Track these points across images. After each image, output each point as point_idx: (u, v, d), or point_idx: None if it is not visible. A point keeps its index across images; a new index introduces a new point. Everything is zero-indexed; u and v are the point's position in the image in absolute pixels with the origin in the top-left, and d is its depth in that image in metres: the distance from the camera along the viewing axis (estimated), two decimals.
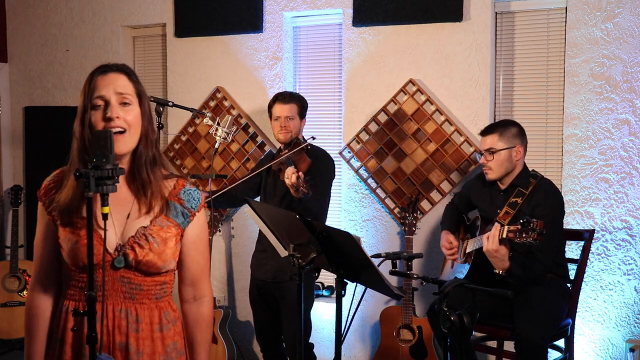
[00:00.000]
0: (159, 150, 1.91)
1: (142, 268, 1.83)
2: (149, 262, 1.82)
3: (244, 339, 4.51)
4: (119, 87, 1.80)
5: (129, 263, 1.81)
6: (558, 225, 3.20)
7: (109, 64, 1.86)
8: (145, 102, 1.87)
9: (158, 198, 1.85)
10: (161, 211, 1.85)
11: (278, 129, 3.56)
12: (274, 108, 3.58)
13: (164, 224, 1.85)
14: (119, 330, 1.82)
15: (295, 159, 3.43)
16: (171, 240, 1.86)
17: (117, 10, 4.86)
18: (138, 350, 1.83)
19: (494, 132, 3.24)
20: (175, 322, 1.93)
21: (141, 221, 1.84)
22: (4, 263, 4.78)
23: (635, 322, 3.56)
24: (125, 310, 1.83)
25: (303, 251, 2.45)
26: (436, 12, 3.84)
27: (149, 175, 1.84)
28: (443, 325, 2.35)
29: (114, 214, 1.83)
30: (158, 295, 1.88)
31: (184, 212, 1.89)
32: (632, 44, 3.49)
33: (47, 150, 5.12)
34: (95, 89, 1.80)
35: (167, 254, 1.85)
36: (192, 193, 1.91)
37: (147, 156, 1.84)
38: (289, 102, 3.55)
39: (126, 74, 1.85)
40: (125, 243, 1.82)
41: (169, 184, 1.89)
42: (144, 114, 1.85)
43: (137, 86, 1.85)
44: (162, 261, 1.84)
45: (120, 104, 1.80)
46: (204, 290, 1.98)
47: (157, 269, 1.84)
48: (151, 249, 1.82)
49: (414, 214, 3.76)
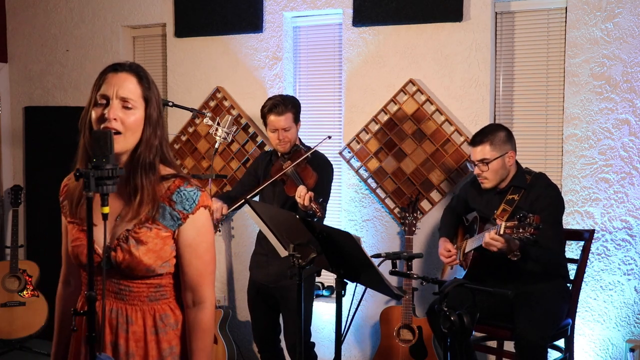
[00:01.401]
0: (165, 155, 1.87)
1: (125, 270, 1.81)
2: (130, 265, 1.79)
3: (244, 339, 4.51)
4: (124, 90, 1.78)
5: (111, 264, 1.81)
6: (559, 215, 3.22)
7: (124, 63, 1.84)
8: (152, 107, 1.83)
9: (148, 203, 1.80)
10: (149, 215, 1.81)
11: (276, 142, 3.49)
12: (268, 119, 3.48)
13: (151, 226, 1.81)
14: (110, 329, 1.83)
15: (299, 171, 3.40)
16: (158, 243, 1.81)
17: (117, 10, 4.86)
18: (128, 352, 1.82)
19: (484, 142, 3.23)
20: (176, 326, 1.89)
21: (127, 224, 1.82)
22: (4, 263, 4.78)
23: (635, 322, 3.56)
24: (117, 310, 1.84)
25: (303, 251, 2.45)
26: (436, 12, 3.84)
27: (142, 181, 1.80)
28: (443, 325, 2.35)
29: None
30: (153, 298, 1.86)
31: (173, 214, 1.83)
32: (632, 44, 3.49)
33: (47, 150, 5.12)
34: (102, 86, 1.79)
35: (152, 257, 1.80)
36: (186, 194, 1.83)
37: (143, 161, 1.81)
38: (283, 112, 3.43)
39: (137, 77, 1.82)
40: (112, 244, 1.82)
41: (164, 186, 1.84)
42: (148, 119, 1.82)
43: (145, 91, 1.82)
44: (147, 264, 1.80)
45: (122, 107, 1.78)
46: (204, 296, 1.89)
47: (141, 271, 1.81)
48: (130, 251, 1.79)
49: (414, 214, 3.76)
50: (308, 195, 3.16)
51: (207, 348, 1.89)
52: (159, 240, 1.82)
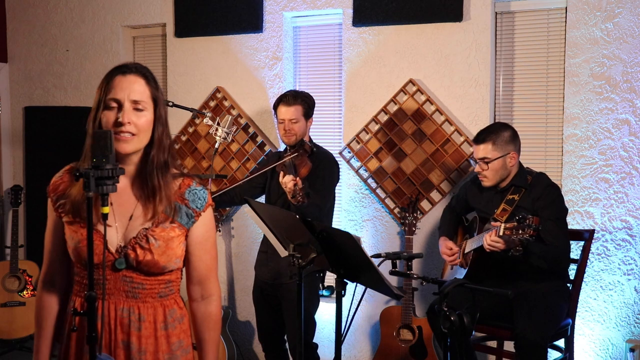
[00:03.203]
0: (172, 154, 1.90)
1: (144, 268, 1.84)
2: (150, 262, 1.83)
3: (244, 339, 4.51)
4: (135, 93, 1.80)
5: (130, 263, 1.83)
6: (562, 212, 3.22)
7: (130, 65, 1.85)
8: (160, 107, 1.86)
9: (165, 202, 1.85)
10: (165, 214, 1.85)
11: (282, 132, 3.54)
12: (278, 109, 3.55)
13: (167, 225, 1.86)
14: (121, 328, 1.84)
15: (297, 162, 3.41)
16: (174, 241, 1.87)
17: (117, 10, 4.86)
18: (140, 349, 1.84)
19: (486, 140, 3.23)
20: (182, 320, 1.93)
21: (144, 223, 1.84)
22: (4, 263, 4.78)
23: (635, 322, 3.56)
24: (128, 309, 1.85)
25: (303, 251, 2.45)
26: (436, 12, 3.84)
27: (160, 182, 1.84)
28: (443, 325, 2.35)
29: (117, 214, 1.84)
30: (163, 294, 1.89)
31: (189, 212, 1.89)
32: (632, 44, 3.49)
33: (47, 150, 5.12)
34: (112, 90, 1.80)
35: (169, 255, 1.85)
36: (197, 192, 1.91)
37: (158, 161, 1.85)
38: (292, 104, 3.49)
39: (145, 78, 1.84)
40: (127, 244, 1.83)
41: (175, 185, 1.89)
42: (158, 119, 1.85)
43: (153, 91, 1.85)
44: (164, 262, 1.85)
45: (134, 109, 1.80)
46: (212, 289, 1.99)
47: (159, 269, 1.85)
48: (152, 250, 1.83)
49: (414, 214, 3.76)
50: (293, 180, 3.13)
51: (217, 339, 2.00)
52: (175, 238, 1.87)
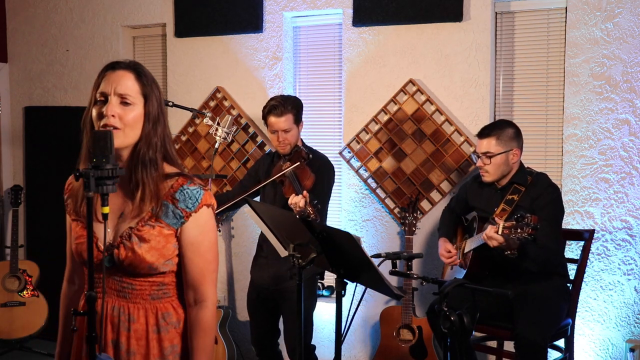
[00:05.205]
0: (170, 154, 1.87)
1: (128, 268, 1.81)
2: (132, 262, 1.80)
3: (244, 339, 4.51)
4: (121, 86, 1.78)
5: (114, 262, 1.82)
6: (559, 215, 3.22)
7: (121, 61, 1.84)
8: (151, 103, 1.82)
9: (150, 200, 1.81)
10: (152, 212, 1.82)
11: (276, 143, 3.47)
12: (269, 120, 3.46)
13: (154, 224, 1.82)
14: (111, 327, 1.84)
15: (298, 172, 3.37)
16: (160, 241, 1.82)
17: (117, 10, 4.86)
18: (129, 350, 1.82)
19: (490, 135, 3.24)
20: (178, 325, 1.89)
21: (131, 221, 1.83)
22: (4, 263, 4.78)
23: (635, 322, 3.56)
24: (119, 309, 1.84)
25: (303, 251, 2.45)
26: (436, 12, 3.84)
27: (143, 177, 1.80)
28: (443, 325, 2.35)
29: (110, 213, 1.82)
30: (155, 296, 1.86)
31: (176, 212, 1.83)
32: (632, 44, 3.49)
33: (47, 150, 5.12)
34: (101, 84, 1.80)
35: (154, 255, 1.81)
36: (189, 192, 1.83)
37: (144, 157, 1.80)
38: (283, 113, 3.40)
39: (136, 73, 1.82)
40: (114, 242, 1.83)
41: (167, 184, 1.84)
42: (148, 116, 1.82)
43: (144, 87, 1.82)
44: (149, 262, 1.81)
45: (121, 103, 1.78)
46: (205, 294, 1.88)
47: (144, 269, 1.82)
48: (134, 249, 1.80)
49: (414, 214, 3.76)
50: (302, 200, 3.13)
51: (208, 347, 1.89)
52: (161, 238, 1.82)
